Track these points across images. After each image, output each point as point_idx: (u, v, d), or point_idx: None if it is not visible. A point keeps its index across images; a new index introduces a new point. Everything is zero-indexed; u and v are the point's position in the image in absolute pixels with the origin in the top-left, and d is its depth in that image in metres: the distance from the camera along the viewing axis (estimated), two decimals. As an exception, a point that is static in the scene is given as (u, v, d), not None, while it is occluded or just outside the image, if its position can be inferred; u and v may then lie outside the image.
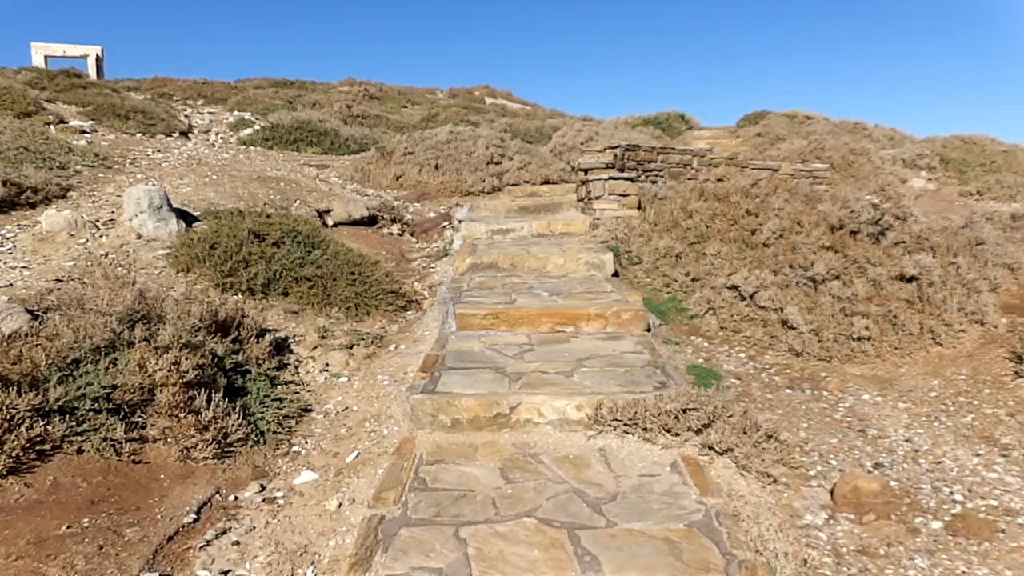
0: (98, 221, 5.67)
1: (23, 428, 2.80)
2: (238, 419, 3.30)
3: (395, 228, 7.66)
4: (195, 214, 6.08)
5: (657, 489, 2.78)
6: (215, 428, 3.17)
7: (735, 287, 5.08)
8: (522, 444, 3.19)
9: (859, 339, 4.54)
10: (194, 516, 2.76)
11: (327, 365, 4.29)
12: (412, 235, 7.69)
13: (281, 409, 3.60)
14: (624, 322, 4.50)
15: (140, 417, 3.13)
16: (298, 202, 7.29)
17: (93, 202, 6.16)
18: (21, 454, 2.76)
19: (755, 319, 4.86)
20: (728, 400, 3.45)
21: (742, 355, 4.60)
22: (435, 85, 25.41)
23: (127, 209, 5.59)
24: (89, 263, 4.90)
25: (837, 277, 5.01)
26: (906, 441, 3.56)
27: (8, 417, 2.80)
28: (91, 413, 3.03)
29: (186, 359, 3.27)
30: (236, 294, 4.74)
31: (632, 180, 7.12)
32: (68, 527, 2.52)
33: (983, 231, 5.86)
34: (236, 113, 14.40)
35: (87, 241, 5.32)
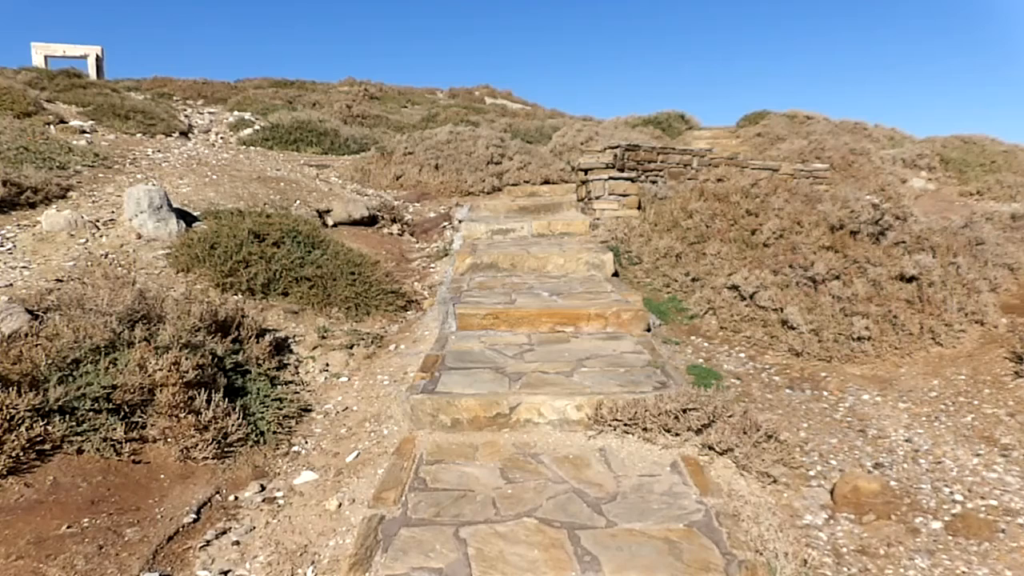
0: (98, 221, 5.67)
1: (23, 428, 2.80)
2: (238, 419, 3.30)
3: (395, 228, 7.66)
4: (195, 214, 6.08)
5: (657, 489, 2.78)
6: (215, 428, 3.17)
7: (735, 287, 5.08)
8: (522, 444, 3.19)
9: (859, 339, 4.54)
10: (194, 516, 2.76)
11: (327, 365, 4.29)
12: (412, 235, 7.69)
13: (281, 409, 3.61)
14: (624, 322, 4.50)
15: (140, 417, 3.13)
16: (298, 202, 7.29)
17: (93, 202, 6.16)
18: (21, 454, 2.76)
19: (755, 319, 4.86)
20: (728, 400, 3.45)
21: (742, 355, 4.60)
22: (435, 85, 25.43)
23: (127, 209, 5.59)
24: (89, 263, 4.90)
25: (837, 277, 5.01)
26: (906, 441, 3.56)
27: (8, 417, 2.80)
28: (91, 413, 3.03)
29: (186, 359, 3.27)
30: (236, 294, 4.74)
31: (632, 180, 7.12)
32: (68, 527, 2.52)
33: (983, 231, 5.86)
34: (236, 113, 14.40)
35: (87, 241, 5.32)
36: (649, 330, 4.57)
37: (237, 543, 2.63)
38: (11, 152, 6.83)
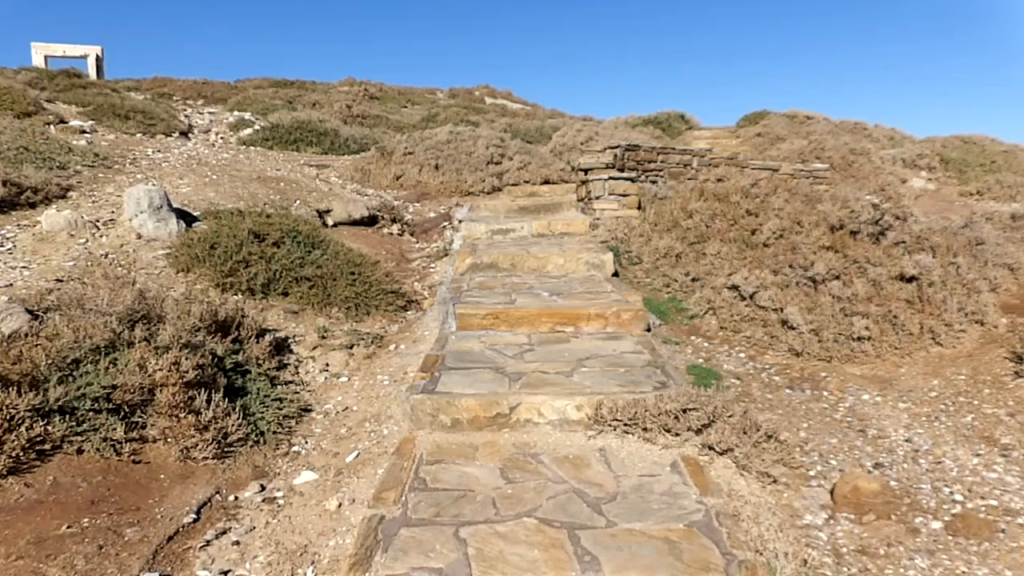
0: (98, 221, 5.68)
1: (23, 428, 2.80)
2: (238, 419, 3.30)
3: (395, 228, 7.66)
4: (195, 214, 6.08)
5: (657, 489, 2.78)
6: (215, 428, 3.17)
7: (735, 287, 5.08)
8: (522, 444, 3.19)
9: (859, 339, 4.54)
10: (194, 516, 2.76)
11: (327, 365, 4.29)
12: (412, 235, 7.69)
13: (281, 409, 3.60)
14: (624, 322, 4.50)
15: (140, 417, 3.13)
16: (298, 202, 7.29)
17: (93, 202, 6.16)
18: (21, 454, 2.76)
19: (755, 319, 4.86)
20: (728, 400, 3.45)
21: (742, 355, 4.60)
22: (435, 85, 25.44)
23: (127, 209, 5.59)
24: (89, 263, 4.90)
25: (837, 277, 5.01)
26: (906, 441, 3.56)
27: (8, 417, 2.80)
28: (91, 413, 3.03)
29: (186, 359, 3.27)
30: (236, 294, 4.74)
31: (632, 180, 7.12)
32: (68, 527, 2.52)
33: (983, 231, 5.86)
34: (236, 113, 14.40)
35: (87, 241, 5.32)
36: (649, 330, 4.57)
37: (237, 543, 2.63)
38: (11, 152, 6.83)
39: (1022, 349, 4.30)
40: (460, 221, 7.66)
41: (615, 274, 5.75)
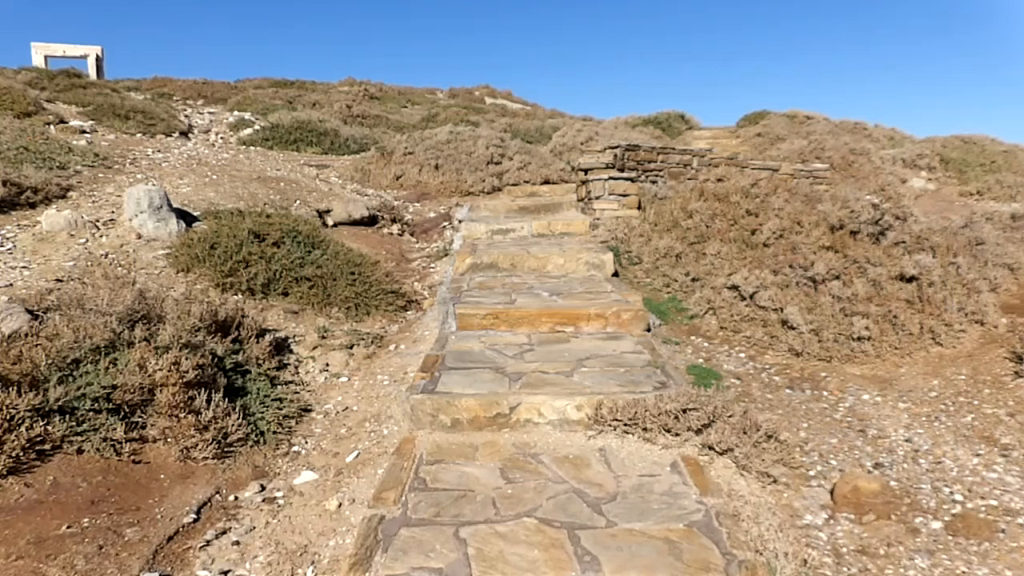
0: (98, 221, 5.67)
1: (23, 428, 2.80)
2: (238, 419, 3.30)
3: (395, 228, 7.66)
4: (195, 214, 6.08)
5: (657, 489, 2.78)
6: (215, 428, 3.17)
7: (735, 287, 5.08)
8: (522, 444, 3.19)
9: (859, 339, 4.54)
10: (194, 516, 2.76)
11: (327, 365, 4.29)
12: (412, 235, 7.69)
13: (281, 409, 3.60)
14: (624, 322, 4.50)
15: (140, 417, 3.13)
16: (298, 202, 7.29)
17: (93, 202, 6.16)
18: (21, 454, 2.76)
19: (755, 319, 4.86)
20: (728, 400, 3.45)
21: (742, 355, 4.60)
22: (435, 85, 25.44)
23: (127, 209, 5.59)
24: (89, 263, 4.90)
25: (837, 277, 5.01)
26: (906, 441, 3.56)
27: (8, 417, 2.80)
28: (91, 413, 3.03)
29: (186, 359, 3.27)
30: (236, 294, 4.74)
31: (632, 180, 7.12)
32: (68, 527, 2.52)
33: (983, 231, 5.86)
34: (236, 113, 14.40)
35: (87, 241, 5.32)
36: (649, 330, 4.57)
37: (237, 543, 2.63)
38: (11, 152, 6.83)
39: (1022, 349, 4.30)
40: (460, 221, 7.66)
41: (615, 274, 5.75)
